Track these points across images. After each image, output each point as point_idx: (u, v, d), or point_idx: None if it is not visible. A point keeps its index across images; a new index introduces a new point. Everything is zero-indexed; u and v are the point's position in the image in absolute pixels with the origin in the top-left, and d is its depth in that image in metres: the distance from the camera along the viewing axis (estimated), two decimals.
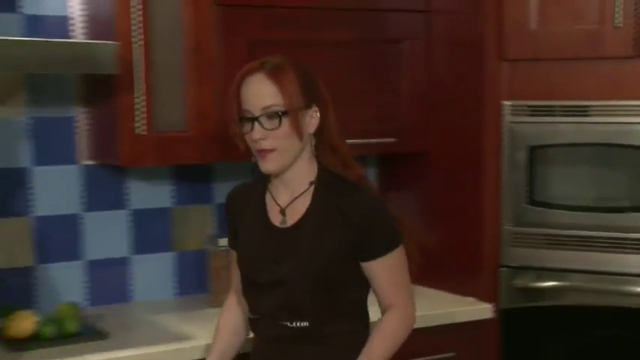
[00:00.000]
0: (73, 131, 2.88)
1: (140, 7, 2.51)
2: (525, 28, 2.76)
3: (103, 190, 2.93)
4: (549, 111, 2.75)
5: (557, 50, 2.77)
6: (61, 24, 2.79)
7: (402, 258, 1.95)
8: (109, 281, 2.98)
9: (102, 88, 2.71)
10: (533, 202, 2.81)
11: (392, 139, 2.97)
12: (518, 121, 2.78)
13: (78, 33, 2.81)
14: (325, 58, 2.81)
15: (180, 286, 3.09)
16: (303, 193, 1.95)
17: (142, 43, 2.53)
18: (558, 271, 2.77)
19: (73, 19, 2.79)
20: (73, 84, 2.86)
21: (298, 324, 1.92)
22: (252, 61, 2.08)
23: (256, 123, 1.83)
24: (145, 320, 2.77)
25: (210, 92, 2.66)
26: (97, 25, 2.73)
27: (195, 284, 3.07)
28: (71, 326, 2.46)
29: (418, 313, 2.18)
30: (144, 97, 2.57)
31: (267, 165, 1.89)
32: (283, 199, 1.97)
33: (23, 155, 2.78)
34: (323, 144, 1.94)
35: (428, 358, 2.74)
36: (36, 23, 2.76)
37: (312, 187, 1.95)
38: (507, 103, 2.78)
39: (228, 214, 2.11)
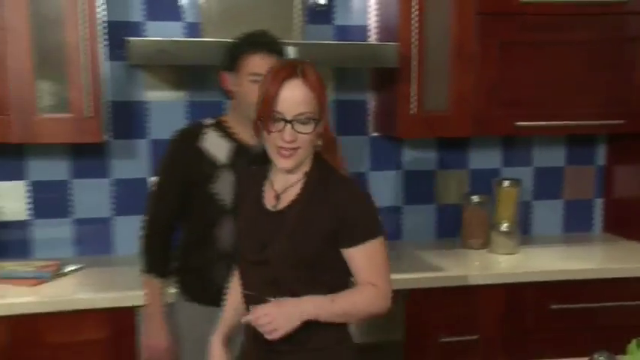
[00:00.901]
0: (365, 110, 3.28)
1: (417, 17, 2.83)
2: None
3: (384, 155, 3.31)
4: None
5: None
6: (361, 31, 3.18)
7: (382, 248, 1.89)
8: (385, 224, 3.38)
9: (386, 79, 3.06)
10: None
11: (621, 121, 3.10)
12: None
13: (372, 37, 3.19)
14: (566, 55, 3.06)
15: (440, 231, 3.41)
16: (297, 181, 1.92)
17: (417, 44, 2.84)
18: None
19: (369, 27, 3.19)
20: (366, 75, 3.25)
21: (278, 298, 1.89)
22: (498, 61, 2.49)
23: (289, 125, 1.79)
24: (411, 254, 3.10)
25: (468, 83, 2.93)
26: (385, 31, 3.07)
27: (451, 230, 3.36)
28: None
29: None
30: (417, 86, 2.89)
31: (287, 163, 1.85)
32: (279, 184, 1.94)
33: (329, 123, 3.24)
34: (323, 139, 1.92)
35: (634, 303, 2.92)
36: (343, 31, 3.17)
37: (306, 176, 1.92)
38: None
39: (236, 194, 2.12)
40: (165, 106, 3.01)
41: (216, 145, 2.37)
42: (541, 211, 3.54)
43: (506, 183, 3.21)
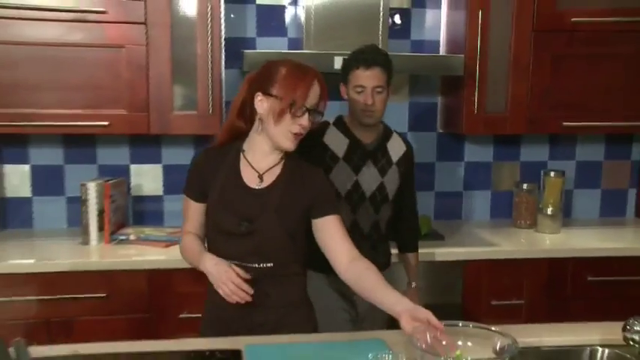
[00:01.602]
0: (435, 111, 3.45)
1: (481, 33, 3.00)
2: None
3: (449, 149, 3.50)
4: None
5: None
6: (433, 45, 3.37)
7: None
8: (447, 207, 3.55)
9: (453, 85, 3.21)
10: None
11: None
12: None
13: (442, 49, 3.35)
14: (606, 66, 3.16)
15: (494, 213, 3.58)
16: (277, 164, 2.01)
17: (480, 56, 3.00)
18: None
19: (439, 41, 3.38)
20: (436, 81, 3.42)
21: (264, 265, 1.98)
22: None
23: (308, 114, 1.91)
24: (470, 232, 3.28)
25: (523, 89, 3.09)
26: (453, 45, 3.23)
27: (504, 212, 3.54)
28: (424, 229, 3.07)
29: None
30: (479, 91, 3.04)
31: (293, 145, 1.95)
32: (260, 166, 2.00)
33: (404, 125, 3.42)
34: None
35: None
36: (418, 45, 3.37)
37: (284, 160, 2.02)
38: None
39: (198, 171, 2.04)
40: None
41: (335, 141, 2.47)
42: (581, 198, 3.67)
43: (552, 174, 3.33)
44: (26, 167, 3.20)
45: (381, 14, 3.02)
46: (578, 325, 2.10)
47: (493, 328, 1.75)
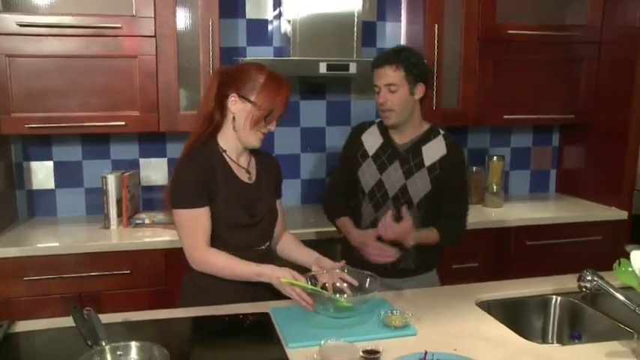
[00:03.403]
0: None
1: (437, 43, 3.07)
2: None
3: None
4: None
5: None
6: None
7: None
8: None
9: None
10: None
11: (571, 116, 3.41)
12: None
13: None
14: (537, 69, 3.29)
15: None
16: (250, 158, 2.01)
17: (437, 61, 3.07)
18: None
19: None
20: None
21: (265, 245, 2.02)
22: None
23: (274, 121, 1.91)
24: None
25: (472, 89, 3.18)
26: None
27: None
28: None
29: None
30: (437, 90, 3.11)
31: (261, 144, 1.94)
32: (244, 162, 1.98)
33: (374, 117, 3.13)
34: None
35: (579, 239, 3.15)
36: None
37: (253, 155, 2.02)
38: None
39: (201, 181, 1.87)
40: None
41: (371, 139, 2.30)
42: (515, 177, 3.80)
43: (494, 158, 3.44)
44: (50, 163, 3.18)
45: (355, 25, 3.05)
46: (532, 280, 2.23)
47: (365, 272, 1.97)
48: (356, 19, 3.06)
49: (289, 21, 3.03)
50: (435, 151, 2.25)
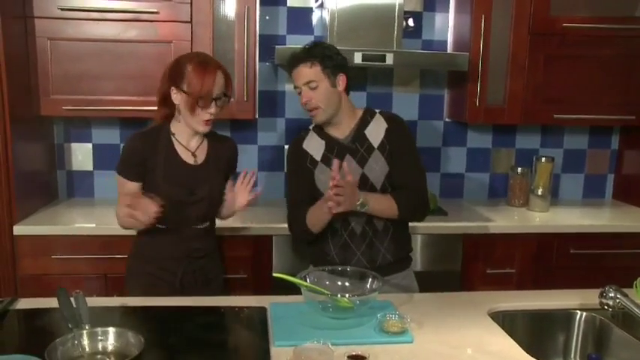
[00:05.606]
0: (442, 102, 3.37)
1: (484, 35, 2.91)
2: None
3: (454, 135, 3.42)
4: None
5: None
6: (442, 44, 3.30)
7: None
8: (451, 187, 3.45)
9: (458, 79, 3.15)
10: None
11: (632, 117, 3.17)
12: None
13: (450, 48, 3.28)
14: (593, 65, 3.08)
15: (492, 193, 3.52)
16: (202, 141, 2.10)
17: (483, 54, 2.96)
18: None
19: (447, 41, 3.30)
20: (444, 76, 3.35)
21: (203, 225, 2.13)
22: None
23: (215, 102, 1.99)
24: (470, 208, 3.20)
25: (520, 84, 3.02)
26: (459, 44, 3.17)
27: (500, 192, 3.49)
28: (432, 206, 2.88)
29: None
30: (481, 85, 2.99)
31: (207, 129, 2.03)
32: (191, 145, 2.08)
33: (415, 113, 3.36)
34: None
35: (631, 251, 2.93)
36: (429, 43, 3.30)
37: (207, 138, 2.11)
38: None
39: (137, 155, 2.03)
40: (296, 95, 3.24)
41: (313, 145, 2.17)
42: (567, 181, 3.59)
43: (543, 159, 3.25)
44: (89, 145, 3.23)
45: (396, 16, 2.94)
46: (560, 292, 2.06)
47: (368, 272, 1.89)
48: (397, 9, 2.94)
49: (328, 10, 2.95)
50: (378, 130, 2.13)
